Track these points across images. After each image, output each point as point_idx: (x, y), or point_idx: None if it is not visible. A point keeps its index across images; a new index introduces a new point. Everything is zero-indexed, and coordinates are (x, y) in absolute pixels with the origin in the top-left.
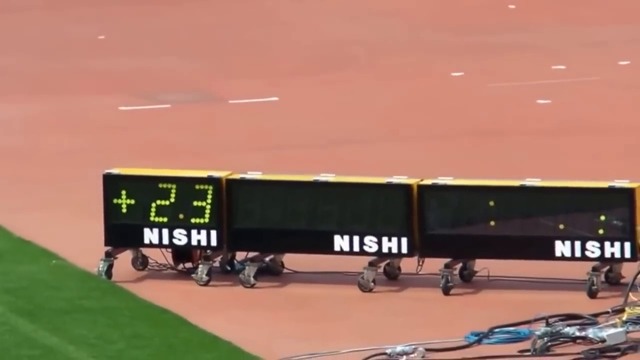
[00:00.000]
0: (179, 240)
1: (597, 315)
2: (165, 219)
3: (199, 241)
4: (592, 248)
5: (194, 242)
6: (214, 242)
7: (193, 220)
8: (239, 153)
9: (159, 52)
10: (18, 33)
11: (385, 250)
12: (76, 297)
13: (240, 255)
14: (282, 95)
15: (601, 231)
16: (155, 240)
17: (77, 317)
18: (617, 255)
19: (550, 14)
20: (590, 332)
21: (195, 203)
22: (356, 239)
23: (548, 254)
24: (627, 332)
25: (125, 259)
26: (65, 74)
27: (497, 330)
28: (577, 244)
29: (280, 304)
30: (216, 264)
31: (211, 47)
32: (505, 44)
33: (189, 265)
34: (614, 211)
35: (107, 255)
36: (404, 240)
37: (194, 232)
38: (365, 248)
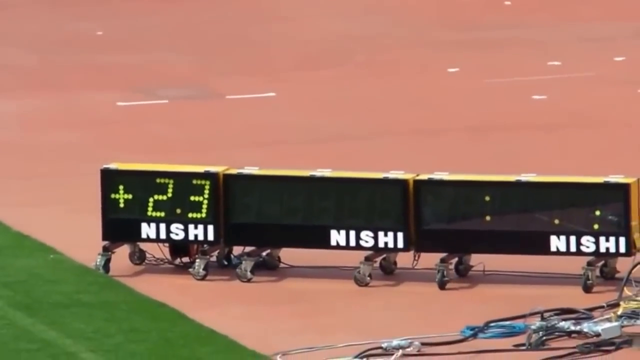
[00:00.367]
0: (176, 234)
1: (592, 309)
2: (163, 214)
3: (196, 236)
4: (587, 243)
5: (191, 237)
6: (211, 237)
7: (190, 215)
8: (236, 148)
9: (157, 47)
10: (16, 29)
11: (381, 245)
12: (74, 291)
13: (237, 250)
14: (279, 91)
15: (596, 226)
16: (153, 235)
17: (75, 311)
18: (612, 250)
19: (545, 10)
20: (585, 327)
21: (192, 198)
22: (352, 233)
23: (543, 248)
24: (622, 327)
25: (122, 253)
26: (63, 69)
27: (492, 324)
28: (573, 238)
29: (277, 298)
30: (213, 259)
31: (209, 43)
32: (501, 40)
33: (186, 259)
34: (609, 206)
35: (105, 249)
36: (400, 235)
37: (191, 226)
38: (362, 243)
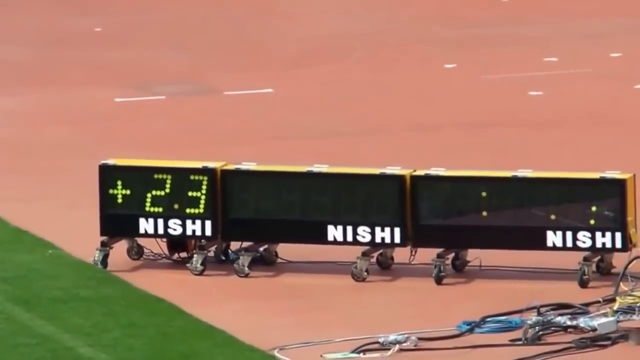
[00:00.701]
0: (174, 230)
1: (588, 304)
2: (161, 209)
3: (193, 231)
4: (584, 238)
5: (189, 232)
6: (208, 232)
7: (188, 210)
8: (233, 144)
9: (155, 44)
10: (15, 25)
11: (378, 240)
12: (72, 286)
13: (235, 245)
14: (277, 87)
15: (592, 221)
16: (151, 230)
17: (73, 306)
18: (608, 245)
19: (542, 7)
20: (582, 322)
21: (190, 193)
22: (349, 229)
23: (540, 244)
24: (618, 322)
25: (120, 248)
26: (61, 65)
27: (489, 319)
28: (569, 234)
29: (274, 293)
30: (211, 254)
31: (206, 40)
32: (498, 36)
33: (183, 255)
34: (605, 202)
35: (103, 245)
36: (396, 230)
37: (188, 222)
38: (359, 238)
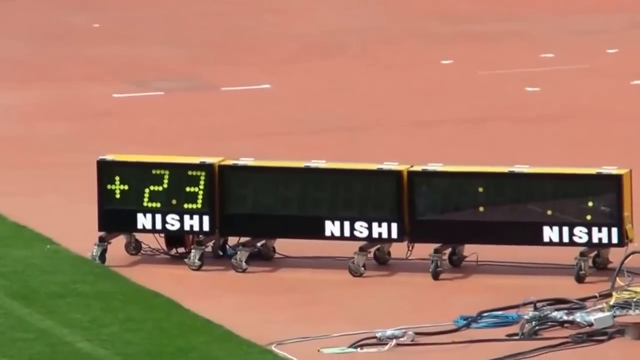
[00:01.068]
0: (172, 225)
1: (584, 299)
2: (159, 205)
3: (191, 226)
4: (580, 233)
5: (187, 227)
6: (206, 227)
7: (186, 205)
8: (231, 139)
9: (152, 40)
10: (14, 21)
11: (375, 235)
12: (70, 281)
13: (233, 241)
14: (274, 82)
15: (589, 217)
16: (149, 226)
17: (71, 301)
18: (605, 240)
19: (539, 3)
20: (578, 317)
21: (188, 189)
22: (347, 224)
23: (536, 239)
24: (614, 317)
25: (118, 243)
26: (60, 61)
27: (485, 314)
28: (565, 229)
29: (272, 288)
30: (208, 249)
31: (204, 36)
32: (495, 32)
33: (181, 250)
34: (601, 197)
35: (101, 240)
36: (394, 225)
37: (186, 217)
38: (356, 233)
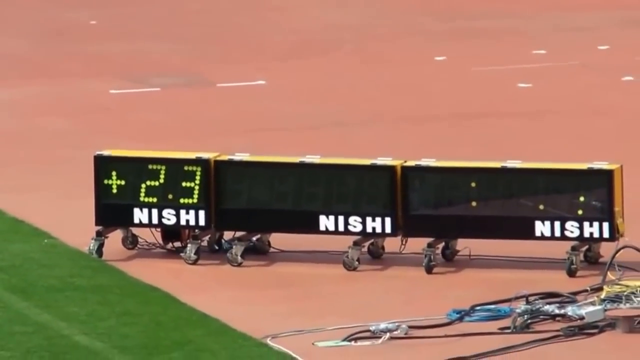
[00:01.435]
0: (168, 220)
1: (576, 293)
2: (155, 199)
3: (187, 221)
4: (572, 228)
5: (183, 222)
6: (202, 222)
7: (182, 200)
8: (227, 135)
9: (149, 37)
10: (11, 18)
11: (369, 230)
12: (68, 275)
13: (228, 235)
14: (269, 79)
15: (580, 212)
16: (145, 220)
17: (69, 294)
18: (596, 235)
19: (531, 1)
20: (570, 310)
21: (184, 184)
22: (341, 219)
23: (528, 233)
24: (605, 310)
25: (115, 238)
26: (58, 58)
27: (478, 308)
28: (557, 224)
29: (267, 282)
30: (204, 243)
31: (201, 32)
32: (488, 29)
33: (177, 244)
34: (593, 192)
35: (98, 234)
36: (387, 220)
37: (182, 212)
38: (350, 228)
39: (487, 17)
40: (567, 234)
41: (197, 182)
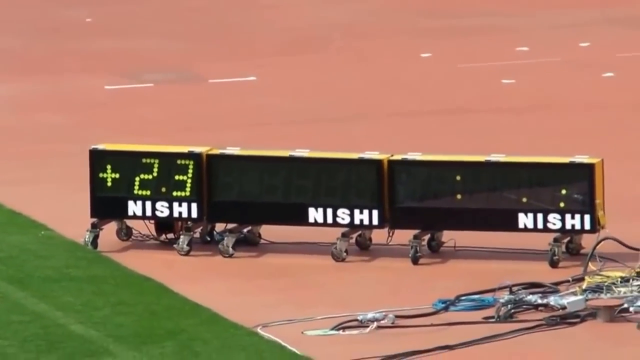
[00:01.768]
0: (161, 212)
1: (558, 283)
2: (148, 192)
3: (180, 213)
4: (554, 220)
5: (176, 214)
6: (194, 214)
7: (175, 193)
8: (218, 130)
9: (143, 34)
10: (7, 15)
11: (357, 222)
12: (64, 266)
13: (220, 227)
14: (260, 75)
15: (562, 204)
16: (139, 212)
17: (65, 285)
18: (578, 227)
19: None
20: (552, 300)
21: (176, 177)
22: (329, 211)
23: (512, 225)
24: (587, 300)
25: (110, 230)
26: (53, 54)
27: (463, 298)
28: (540, 216)
29: (258, 273)
30: (196, 235)
31: (193, 29)
32: (472, 26)
33: (170, 236)
34: (574, 185)
35: (93, 226)
36: (375, 212)
37: (175, 204)
38: (338, 220)
39: (472, 15)
40: (550, 225)
41: (190, 175)
